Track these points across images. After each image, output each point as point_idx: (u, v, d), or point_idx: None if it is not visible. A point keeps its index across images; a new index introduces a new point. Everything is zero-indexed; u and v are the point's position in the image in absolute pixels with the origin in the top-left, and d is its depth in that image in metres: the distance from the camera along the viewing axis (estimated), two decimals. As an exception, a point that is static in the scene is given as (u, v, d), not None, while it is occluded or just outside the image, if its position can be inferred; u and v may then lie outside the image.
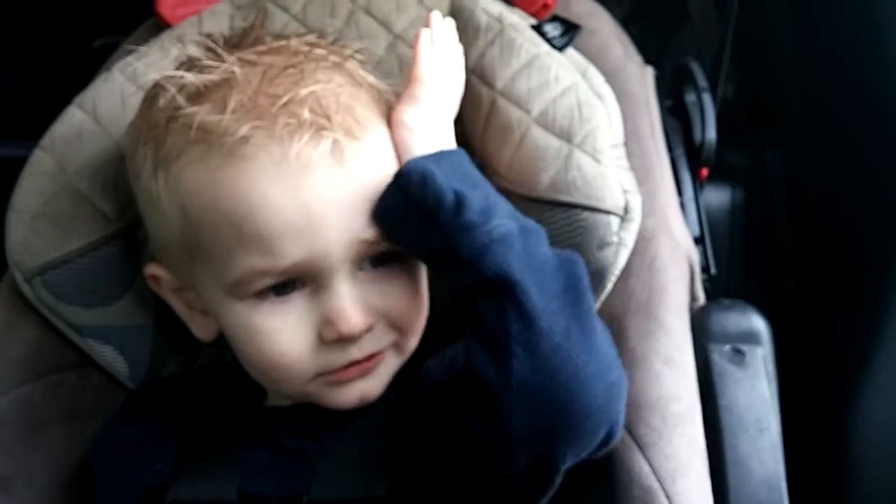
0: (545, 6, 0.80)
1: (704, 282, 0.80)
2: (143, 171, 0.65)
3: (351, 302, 0.62)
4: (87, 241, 0.74)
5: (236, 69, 0.62)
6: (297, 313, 0.63)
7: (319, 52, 0.66)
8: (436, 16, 0.72)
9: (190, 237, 0.63)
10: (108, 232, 0.75)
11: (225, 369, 0.73)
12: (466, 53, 0.76)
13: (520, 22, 0.79)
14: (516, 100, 0.75)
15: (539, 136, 0.74)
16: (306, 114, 0.60)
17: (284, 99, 0.60)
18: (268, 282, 0.62)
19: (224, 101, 0.60)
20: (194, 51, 0.66)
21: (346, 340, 0.63)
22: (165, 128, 0.63)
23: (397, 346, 0.67)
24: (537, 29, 0.78)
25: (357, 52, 0.68)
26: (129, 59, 0.78)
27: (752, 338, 0.75)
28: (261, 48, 0.65)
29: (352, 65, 0.67)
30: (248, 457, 0.67)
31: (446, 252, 0.59)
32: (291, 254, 0.60)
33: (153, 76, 0.72)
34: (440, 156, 0.63)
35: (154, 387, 0.76)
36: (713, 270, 0.84)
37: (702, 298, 0.78)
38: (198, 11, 0.81)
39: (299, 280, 0.62)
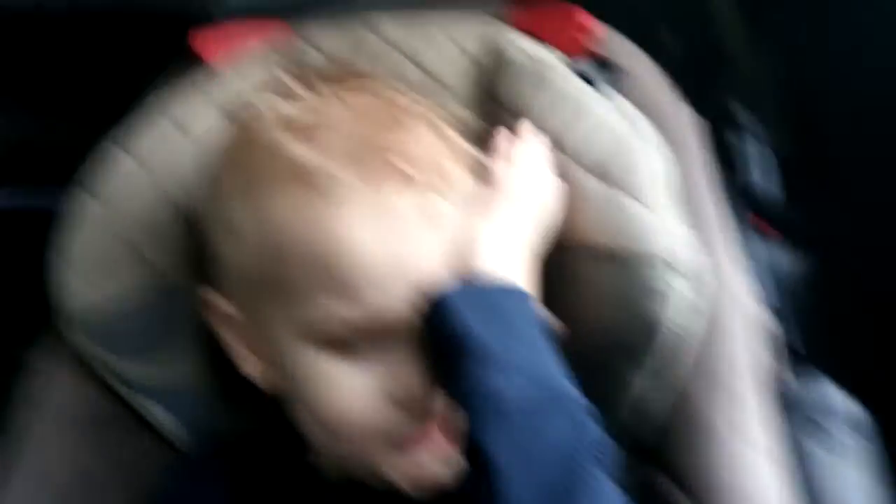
0: (578, 43, 0.76)
1: (785, 355, 0.77)
2: (224, 195, 0.64)
3: (411, 365, 0.60)
4: (132, 288, 0.73)
5: (333, 108, 0.61)
6: (371, 366, 0.60)
7: (403, 99, 0.65)
8: (527, 125, 0.70)
9: (269, 270, 0.61)
10: (153, 280, 0.73)
11: (277, 436, 0.70)
12: (498, 92, 0.74)
13: (554, 60, 0.75)
14: (550, 136, 0.71)
15: (576, 174, 0.69)
16: (402, 162, 0.59)
17: (382, 145, 0.59)
18: (345, 329, 0.60)
19: (322, 140, 0.60)
20: (285, 79, 0.65)
21: (416, 406, 0.60)
22: (259, 159, 0.62)
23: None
24: (573, 67, 0.74)
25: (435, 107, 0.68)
26: (172, 102, 0.77)
27: (846, 420, 0.71)
28: (349, 85, 0.64)
29: (434, 118, 0.65)
30: None
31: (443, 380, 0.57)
32: (375, 304, 0.58)
33: (199, 121, 0.72)
34: (478, 289, 0.59)
35: (204, 449, 0.74)
36: (791, 340, 0.80)
37: (783, 372, 0.74)
38: (235, 49, 0.81)
39: (378, 332, 0.60)
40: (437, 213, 0.59)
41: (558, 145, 0.70)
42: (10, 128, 1.28)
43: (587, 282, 0.68)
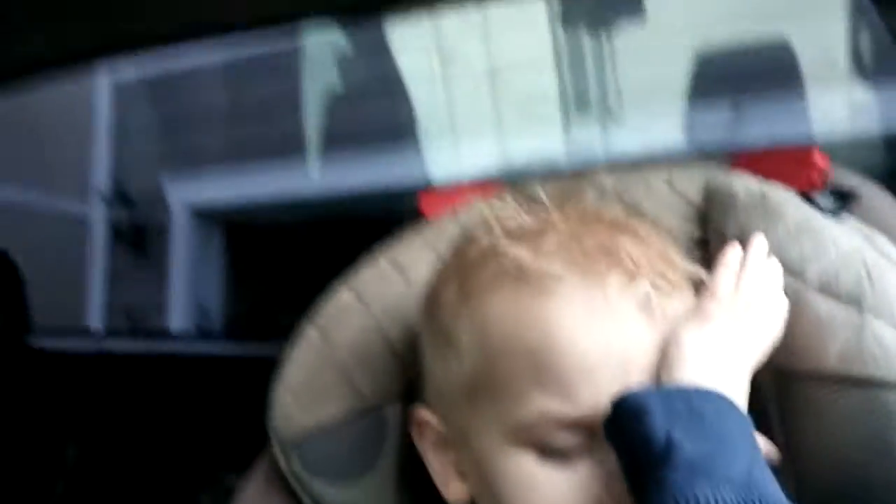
0: (810, 183, 0.74)
1: None
2: (441, 311, 0.67)
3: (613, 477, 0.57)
4: (340, 413, 0.76)
5: (555, 217, 0.64)
6: (585, 473, 0.59)
7: (622, 215, 0.67)
8: (759, 240, 0.69)
9: (482, 371, 0.62)
10: (360, 406, 0.76)
11: None
12: (724, 228, 0.72)
13: (784, 193, 0.73)
14: (787, 268, 0.68)
15: (820, 303, 0.66)
16: (624, 259, 0.60)
17: (604, 244, 0.61)
18: (558, 429, 0.58)
19: (543, 242, 0.62)
20: (508, 204, 0.69)
21: None
22: (478, 263, 0.64)
23: None
24: (806, 198, 0.72)
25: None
26: (395, 247, 0.83)
27: None
28: (571, 204, 0.67)
29: (656, 230, 0.67)
30: None
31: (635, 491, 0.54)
32: (589, 401, 0.57)
33: (417, 264, 0.77)
34: (682, 395, 0.56)
35: None
36: None
37: None
38: (457, 205, 0.86)
39: (591, 434, 0.58)
40: (656, 310, 0.59)
41: (799, 277, 0.67)
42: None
43: (826, 412, 0.64)
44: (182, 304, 5.79)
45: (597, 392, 0.57)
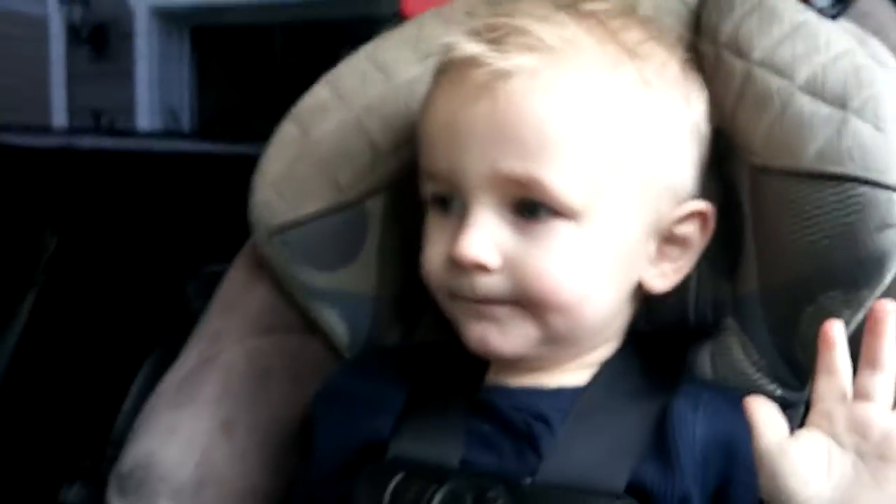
0: None
1: None
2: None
3: (476, 230, 0.63)
4: (322, 205, 0.79)
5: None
6: (447, 226, 0.66)
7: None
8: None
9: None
10: (342, 199, 0.79)
11: (446, 345, 0.73)
12: (718, 28, 0.72)
13: None
14: (778, 68, 0.68)
15: (805, 103, 0.66)
16: (492, 36, 0.64)
17: (489, 23, 0.65)
18: (430, 188, 0.67)
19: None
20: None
21: (462, 267, 0.64)
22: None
23: (534, 316, 0.64)
24: (804, 0, 0.72)
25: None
26: (372, 43, 0.83)
27: None
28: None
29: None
30: (472, 427, 0.67)
31: None
32: (438, 164, 0.66)
33: (392, 60, 0.78)
34: None
35: (379, 349, 0.79)
36: None
37: None
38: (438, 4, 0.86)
39: (455, 197, 0.65)
40: (501, 88, 0.62)
41: (788, 77, 0.68)
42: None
43: (812, 209, 0.66)
44: (149, 107, 5.72)
45: (442, 155, 0.65)
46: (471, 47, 0.64)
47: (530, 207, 0.63)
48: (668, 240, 0.68)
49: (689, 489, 0.62)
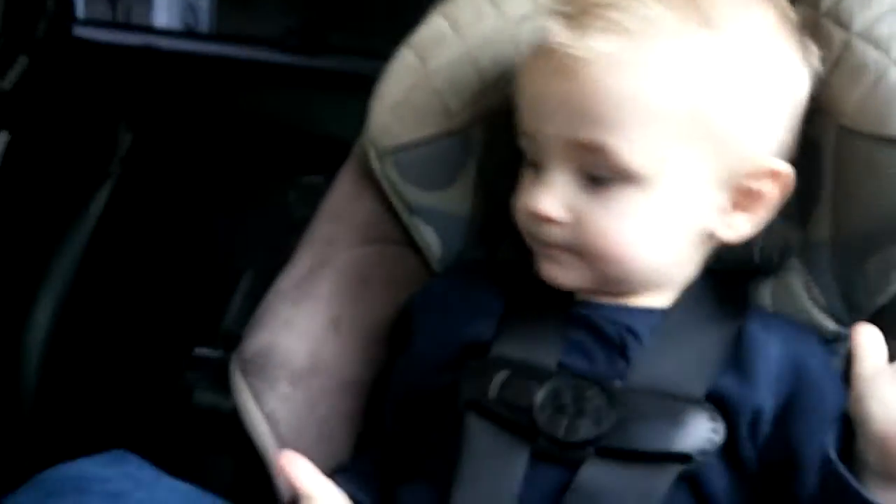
0: None
1: None
2: None
3: (548, 187, 0.72)
4: (433, 131, 0.86)
5: None
6: (534, 180, 0.74)
7: None
8: None
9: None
10: (450, 126, 0.86)
11: (531, 266, 0.80)
12: (819, 1, 0.78)
13: None
14: (876, 42, 0.75)
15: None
16: (573, 21, 0.69)
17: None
18: (523, 143, 0.75)
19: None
20: None
21: (535, 216, 0.73)
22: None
23: (589, 263, 0.73)
24: None
25: None
26: None
27: None
28: None
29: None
30: (568, 335, 0.75)
31: None
32: (527, 127, 0.74)
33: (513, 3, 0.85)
34: None
35: (474, 262, 0.86)
36: None
37: None
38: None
39: (540, 157, 0.74)
40: (580, 64, 0.68)
41: (886, 52, 0.74)
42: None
43: (880, 169, 0.74)
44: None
45: (530, 120, 0.74)
46: (554, 32, 0.70)
47: (600, 180, 0.71)
48: (742, 193, 0.73)
49: (763, 401, 0.70)
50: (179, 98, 1.55)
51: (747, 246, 0.80)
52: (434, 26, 0.89)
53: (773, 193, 0.74)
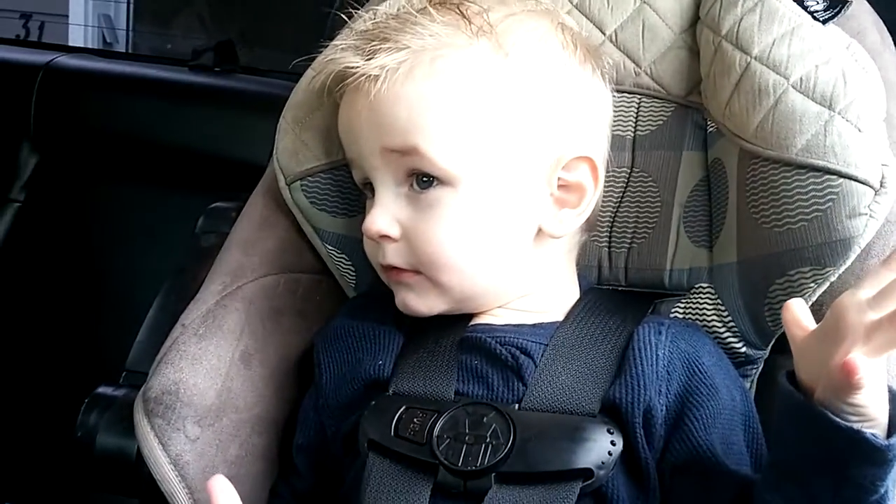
0: None
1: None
2: None
3: (380, 208, 0.74)
4: (340, 156, 0.84)
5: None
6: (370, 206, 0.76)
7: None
8: None
9: None
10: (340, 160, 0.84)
11: None
12: (722, 20, 0.80)
13: None
14: (774, 65, 0.76)
15: (797, 100, 0.75)
16: (365, 47, 0.73)
17: (364, 33, 0.75)
18: (354, 174, 0.78)
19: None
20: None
21: (376, 240, 0.75)
22: None
23: (431, 279, 0.74)
24: (799, 2, 0.79)
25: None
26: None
27: None
28: None
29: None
30: (463, 361, 0.74)
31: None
32: (349, 154, 0.78)
33: None
34: None
35: (377, 294, 0.84)
36: None
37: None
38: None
39: (368, 180, 0.76)
40: (379, 84, 0.72)
41: (784, 75, 0.76)
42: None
43: (794, 195, 0.74)
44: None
45: (346, 145, 0.78)
46: (346, 59, 0.74)
47: (420, 179, 0.73)
48: (562, 188, 0.76)
49: (652, 401, 0.70)
50: (88, 118, 1.49)
51: (657, 272, 0.82)
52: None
53: (591, 183, 0.76)
